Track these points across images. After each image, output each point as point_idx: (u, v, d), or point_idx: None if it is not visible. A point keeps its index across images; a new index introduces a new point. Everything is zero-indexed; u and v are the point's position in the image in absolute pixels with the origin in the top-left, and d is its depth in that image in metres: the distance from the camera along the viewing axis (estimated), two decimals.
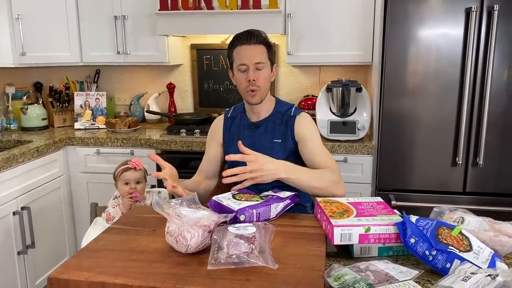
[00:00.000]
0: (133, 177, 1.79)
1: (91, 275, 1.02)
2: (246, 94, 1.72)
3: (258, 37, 1.67)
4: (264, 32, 1.72)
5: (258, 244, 1.07)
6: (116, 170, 1.83)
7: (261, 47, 1.68)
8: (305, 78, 3.17)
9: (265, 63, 1.69)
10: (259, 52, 1.67)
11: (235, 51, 1.70)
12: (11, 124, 3.06)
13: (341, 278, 1.02)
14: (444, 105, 2.34)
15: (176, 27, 2.80)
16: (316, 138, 1.75)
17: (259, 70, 1.68)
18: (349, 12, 2.69)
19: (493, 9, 2.18)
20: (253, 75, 1.66)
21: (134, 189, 1.77)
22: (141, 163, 1.82)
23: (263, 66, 1.68)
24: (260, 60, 1.67)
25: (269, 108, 1.80)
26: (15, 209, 2.38)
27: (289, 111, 1.78)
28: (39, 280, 2.61)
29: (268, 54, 1.70)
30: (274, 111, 1.80)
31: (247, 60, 1.66)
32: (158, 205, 1.12)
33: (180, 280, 0.99)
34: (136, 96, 3.33)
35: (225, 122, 1.88)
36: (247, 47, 1.67)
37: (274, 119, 1.78)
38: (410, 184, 2.46)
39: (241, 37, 1.69)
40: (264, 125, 1.78)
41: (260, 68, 1.68)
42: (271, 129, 1.77)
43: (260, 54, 1.67)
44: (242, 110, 1.87)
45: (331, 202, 1.34)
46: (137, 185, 1.79)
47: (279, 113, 1.78)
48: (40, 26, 2.87)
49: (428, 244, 1.09)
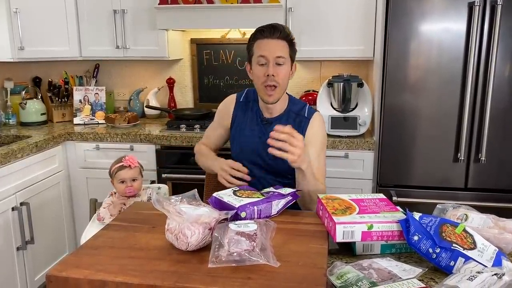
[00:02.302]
0: (129, 175, 1.77)
1: (90, 273, 1.00)
2: (263, 90, 1.66)
3: (281, 32, 1.62)
4: (288, 28, 1.67)
5: (260, 241, 1.06)
6: (111, 168, 1.80)
7: (283, 43, 1.63)
8: (306, 73, 3.15)
9: (286, 58, 1.63)
10: (281, 47, 1.62)
11: (256, 44, 1.65)
12: (10, 119, 3.04)
13: (343, 276, 1.01)
14: (446, 101, 2.32)
15: (176, 22, 2.78)
16: (317, 144, 1.70)
17: (280, 65, 1.62)
18: (351, 6, 2.67)
19: (497, 3, 2.15)
20: (273, 70, 1.61)
21: (130, 187, 1.76)
22: (136, 161, 1.80)
23: (284, 62, 1.63)
24: (281, 55, 1.61)
25: (283, 106, 1.75)
26: (14, 204, 2.37)
27: (303, 111, 1.74)
28: (38, 276, 2.60)
29: (290, 51, 1.65)
30: (288, 109, 1.75)
31: (268, 53, 1.61)
32: (158, 202, 1.11)
33: (180, 278, 0.97)
34: (136, 91, 3.31)
35: (236, 106, 1.84)
36: (269, 40, 1.62)
37: (287, 117, 1.74)
38: (412, 180, 2.44)
39: (264, 30, 1.63)
40: (277, 123, 1.70)
41: (280, 63, 1.62)
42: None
43: (282, 49, 1.62)
44: (255, 99, 1.80)
45: (333, 199, 1.32)
46: (133, 183, 1.78)
47: (293, 113, 1.74)
48: (38, 20, 2.84)
49: (432, 241, 1.08)
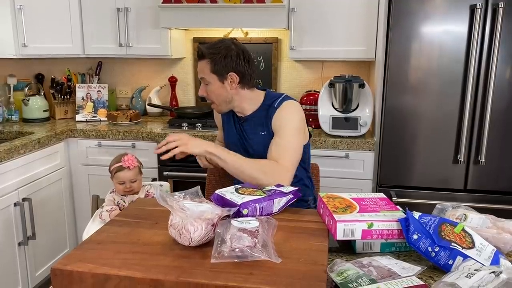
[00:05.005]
0: (128, 177, 1.76)
1: (94, 267, 1.01)
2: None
3: (201, 52, 1.69)
4: (215, 45, 1.69)
5: (261, 238, 1.07)
6: (111, 166, 1.80)
7: (203, 63, 1.69)
8: (308, 73, 3.17)
9: (207, 77, 1.70)
10: (202, 68, 1.70)
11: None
12: (13, 115, 3.06)
13: (343, 273, 1.02)
14: (446, 103, 2.34)
15: (179, 20, 2.79)
16: (285, 130, 1.69)
17: (206, 85, 1.72)
18: (353, 7, 2.68)
19: (498, 6, 2.17)
20: (202, 91, 1.75)
21: (129, 187, 1.77)
22: (135, 161, 1.79)
23: (207, 81, 1.71)
24: (202, 75, 1.71)
25: (254, 105, 1.78)
26: (16, 200, 2.38)
27: (274, 103, 1.75)
28: (40, 271, 2.61)
29: (213, 67, 1.68)
30: (262, 104, 1.78)
31: (199, 75, 1.75)
32: (161, 198, 1.12)
33: (183, 273, 0.99)
34: (138, 89, 3.32)
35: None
36: (199, 63, 1.73)
37: (260, 113, 1.77)
38: (411, 181, 2.46)
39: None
40: (251, 119, 1.78)
41: (205, 82, 1.72)
42: (258, 123, 1.76)
43: (202, 70, 1.70)
44: None
45: (334, 198, 1.33)
46: (132, 184, 1.78)
47: (267, 105, 1.76)
48: (42, 17, 2.85)
49: (431, 240, 1.09)
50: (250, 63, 1.71)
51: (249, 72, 1.71)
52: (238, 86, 1.71)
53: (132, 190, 1.78)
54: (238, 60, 1.68)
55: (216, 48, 1.68)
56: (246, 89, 1.74)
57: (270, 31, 3.12)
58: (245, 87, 1.73)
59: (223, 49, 1.67)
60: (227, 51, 1.67)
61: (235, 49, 1.68)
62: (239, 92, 1.73)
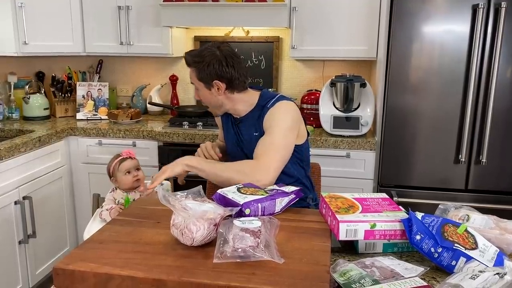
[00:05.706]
0: (133, 164, 1.78)
1: (96, 266, 1.01)
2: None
3: (187, 60, 1.73)
4: (200, 52, 1.70)
5: (264, 238, 1.07)
6: (111, 165, 1.80)
7: (191, 70, 1.73)
8: (309, 72, 3.16)
9: (195, 84, 1.74)
10: (190, 74, 1.75)
11: None
12: (13, 113, 3.05)
13: (346, 274, 1.02)
14: (448, 103, 2.33)
15: (180, 19, 2.79)
16: (274, 129, 1.66)
17: (197, 90, 1.76)
18: (355, 6, 2.68)
19: (500, 6, 2.16)
20: (195, 95, 1.82)
21: (137, 176, 1.77)
22: (133, 153, 1.83)
23: (197, 87, 1.75)
24: (191, 81, 1.77)
25: (248, 106, 1.77)
26: (17, 198, 2.38)
27: (268, 103, 1.73)
28: (40, 270, 2.61)
29: (199, 74, 1.69)
30: (257, 105, 1.77)
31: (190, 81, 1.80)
32: (164, 198, 1.12)
33: (185, 273, 0.99)
34: (139, 87, 3.32)
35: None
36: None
37: (253, 114, 1.76)
38: (412, 181, 2.45)
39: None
40: (245, 120, 1.78)
41: (196, 88, 1.77)
42: (252, 123, 1.75)
43: (191, 76, 1.75)
44: None
45: (336, 198, 1.33)
46: (138, 172, 1.79)
47: (261, 106, 1.75)
48: (43, 15, 2.84)
49: (434, 241, 1.09)
50: (236, 68, 1.68)
51: (236, 77, 1.69)
52: (227, 92, 1.71)
53: (139, 178, 1.78)
54: (220, 67, 1.66)
55: (200, 56, 1.68)
56: (237, 93, 1.73)
57: (271, 30, 3.11)
58: (235, 91, 1.72)
59: (206, 56, 1.67)
60: (210, 58, 1.66)
61: (219, 56, 1.67)
62: (229, 97, 1.73)
